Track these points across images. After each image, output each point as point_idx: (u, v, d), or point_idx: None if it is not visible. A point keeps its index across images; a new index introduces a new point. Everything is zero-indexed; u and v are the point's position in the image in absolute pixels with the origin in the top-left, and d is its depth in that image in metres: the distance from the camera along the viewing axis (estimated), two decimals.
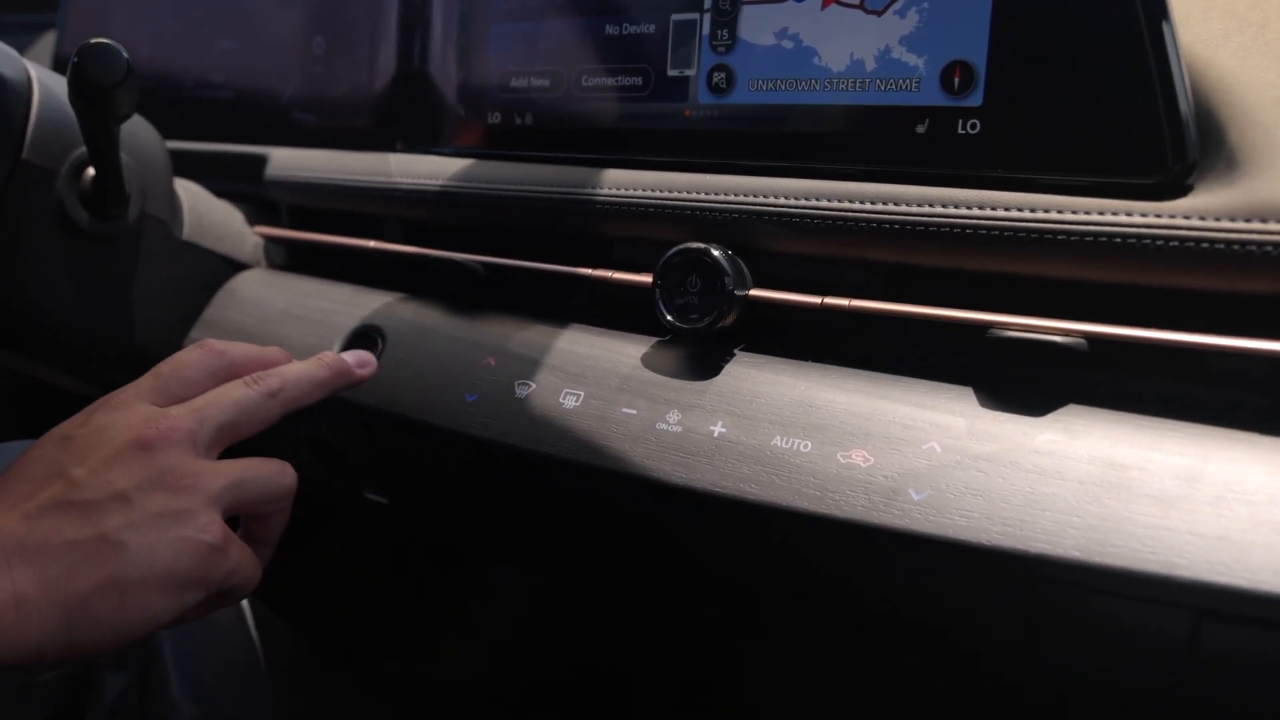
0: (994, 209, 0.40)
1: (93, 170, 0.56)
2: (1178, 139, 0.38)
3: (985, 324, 0.41)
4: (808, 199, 0.44)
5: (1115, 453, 0.36)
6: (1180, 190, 0.38)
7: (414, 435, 0.51)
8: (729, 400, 0.43)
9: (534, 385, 0.48)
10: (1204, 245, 0.37)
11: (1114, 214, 0.38)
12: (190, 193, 0.66)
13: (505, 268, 0.53)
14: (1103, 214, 0.38)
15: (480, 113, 0.57)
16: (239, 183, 0.69)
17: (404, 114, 0.63)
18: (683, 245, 0.46)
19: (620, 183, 0.50)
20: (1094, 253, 0.39)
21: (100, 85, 0.48)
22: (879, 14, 0.44)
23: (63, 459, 0.37)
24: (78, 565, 0.34)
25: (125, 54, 0.48)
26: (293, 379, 0.43)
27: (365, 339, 0.55)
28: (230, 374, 0.43)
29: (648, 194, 0.49)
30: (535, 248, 0.54)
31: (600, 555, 0.52)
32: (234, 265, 0.66)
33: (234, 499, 0.39)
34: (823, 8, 0.45)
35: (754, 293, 0.46)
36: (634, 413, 0.44)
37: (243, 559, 0.39)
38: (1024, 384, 0.40)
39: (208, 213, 0.66)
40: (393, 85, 0.63)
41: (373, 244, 0.60)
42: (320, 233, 0.64)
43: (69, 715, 0.50)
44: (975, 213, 0.41)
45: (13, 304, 0.57)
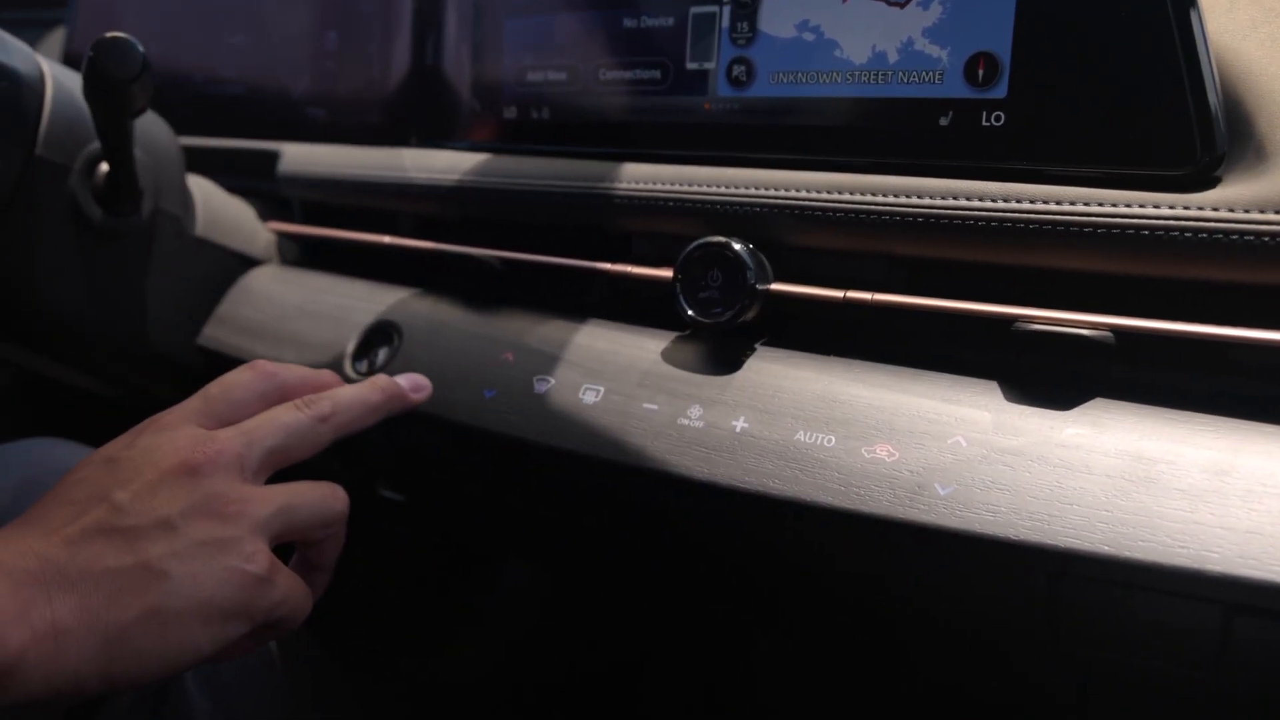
0: (1019, 201, 0.40)
1: (106, 166, 0.56)
2: (1206, 130, 0.37)
3: (1010, 317, 0.40)
4: (830, 192, 0.44)
5: (1143, 446, 0.36)
6: (1208, 182, 0.38)
7: (432, 432, 0.50)
8: (751, 395, 0.43)
9: (553, 381, 0.48)
10: (1233, 237, 0.36)
11: (1141, 206, 0.38)
12: (203, 189, 0.66)
13: (522, 263, 0.53)
14: (1130, 206, 0.38)
15: (496, 107, 0.57)
16: (251, 179, 0.69)
17: (418, 109, 0.63)
18: (704, 239, 0.46)
19: (639, 177, 0.50)
20: (1121, 245, 0.38)
21: (116, 80, 0.48)
22: (901, 6, 0.43)
23: (107, 482, 0.36)
24: (119, 594, 0.33)
25: (141, 48, 0.48)
26: (345, 403, 0.42)
27: (381, 335, 0.55)
28: (281, 396, 0.42)
29: (667, 188, 0.49)
30: (552, 243, 0.54)
31: (619, 550, 0.52)
32: (247, 261, 0.66)
33: (282, 525, 0.38)
34: (844, 0, 0.45)
35: (775, 287, 0.45)
36: (655, 408, 0.44)
37: (291, 589, 0.38)
38: (1049, 378, 0.40)
39: (220, 209, 0.66)
40: (406, 80, 0.63)
41: (388, 239, 0.60)
42: (333, 229, 0.64)
43: (85, 711, 0.50)
44: (1000, 205, 0.40)
45: (25, 300, 0.57)
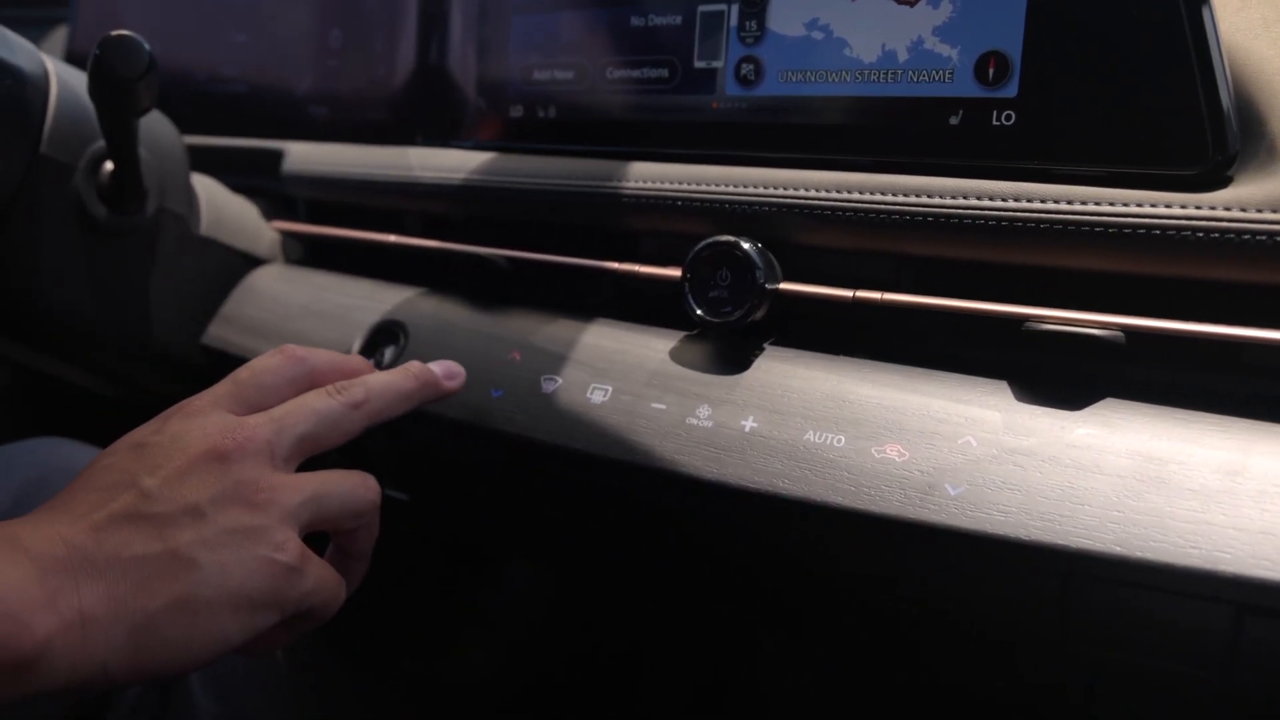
0: (1030, 201, 0.40)
1: (111, 165, 0.56)
2: (1218, 130, 0.37)
3: (1020, 317, 0.40)
4: (839, 191, 0.44)
5: (1154, 447, 0.36)
6: (1220, 181, 0.38)
7: (439, 431, 0.50)
8: (760, 395, 0.43)
9: (560, 380, 0.47)
10: (1245, 237, 0.36)
11: (1153, 205, 0.38)
12: (207, 188, 0.66)
13: (529, 262, 0.53)
14: (1142, 206, 0.38)
15: (502, 106, 0.57)
16: (256, 178, 0.69)
17: (423, 107, 0.63)
18: (713, 238, 0.46)
19: (647, 176, 0.50)
20: (1133, 245, 0.38)
21: (122, 78, 0.48)
22: (911, 4, 0.43)
23: (135, 468, 0.35)
24: (147, 582, 0.32)
25: (147, 47, 0.48)
26: (378, 390, 0.41)
27: (387, 335, 0.55)
28: (311, 382, 0.41)
29: (675, 187, 0.49)
30: (558, 242, 0.54)
31: (626, 550, 0.52)
32: (251, 260, 0.66)
33: (312, 514, 0.37)
34: None
35: (784, 286, 0.45)
36: (663, 407, 0.44)
37: (323, 579, 0.37)
38: (1060, 378, 0.40)
39: (225, 208, 0.66)
40: (412, 78, 0.63)
41: (393, 238, 0.59)
42: (338, 228, 0.64)
43: (91, 711, 0.50)
44: (1011, 205, 0.40)
45: (29, 299, 0.57)
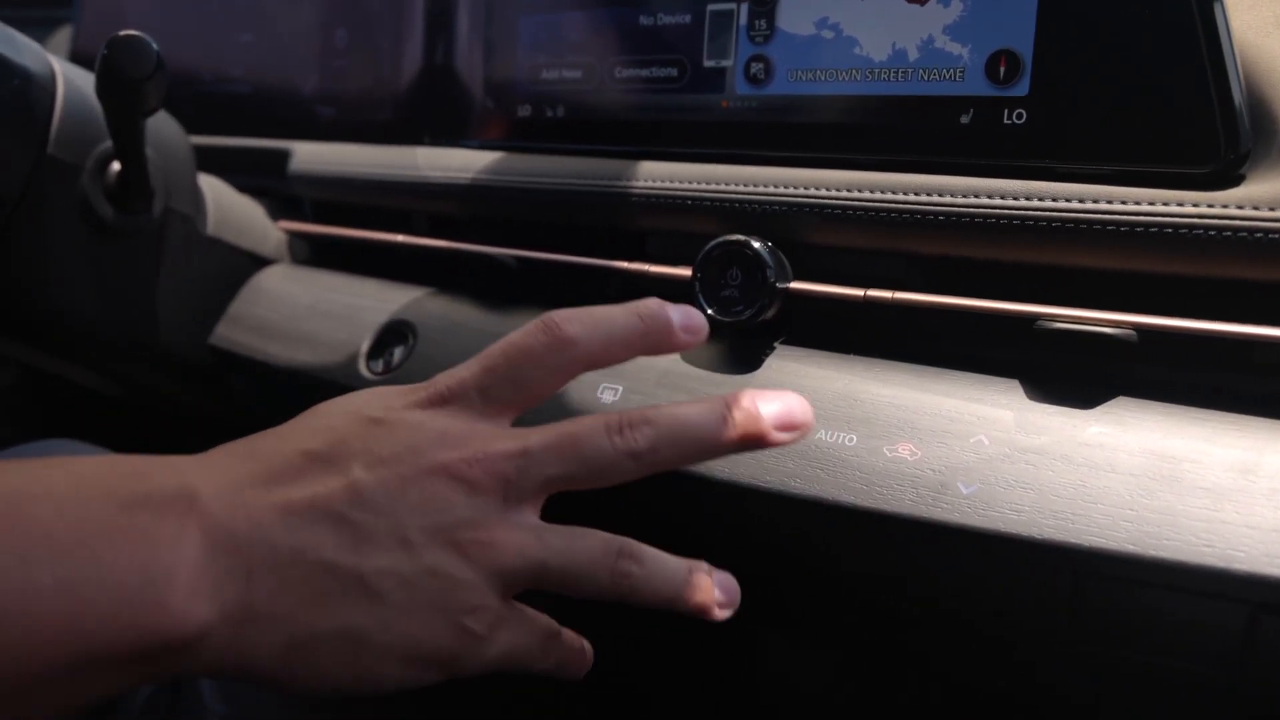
0: (1042, 199, 0.40)
1: (118, 165, 0.56)
2: (1230, 128, 0.37)
3: (1032, 316, 0.40)
4: (850, 190, 0.44)
5: (1167, 445, 0.36)
6: (1232, 180, 0.38)
7: None
8: None
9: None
10: (1257, 235, 0.36)
11: (1165, 204, 0.38)
12: (214, 188, 0.66)
13: (538, 262, 0.53)
14: (1154, 204, 0.38)
15: (510, 105, 0.57)
16: (262, 178, 0.68)
17: (431, 107, 0.62)
18: (723, 238, 0.46)
19: (656, 175, 0.50)
20: (1145, 243, 0.38)
21: (130, 78, 0.48)
22: (922, 3, 0.43)
23: (357, 448, 0.31)
24: (324, 597, 0.28)
25: (155, 47, 0.48)
26: (669, 437, 0.33)
27: (396, 335, 0.55)
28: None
29: (685, 186, 0.48)
30: (566, 241, 0.54)
31: None
32: (258, 261, 0.66)
33: (530, 579, 0.32)
34: None
35: (795, 285, 0.45)
36: None
37: (515, 643, 0.32)
38: (1072, 376, 0.40)
39: (231, 208, 0.66)
40: (419, 78, 0.63)
41: (401, 238, 0.59)
42: (345, 228, 0.64)
43: (99, 715, 0.50)
44: (1023, 203, 0.40)
45: (36, 300, 0.57)
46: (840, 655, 0.61)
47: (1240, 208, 0.37)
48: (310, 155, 0.65)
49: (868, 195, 0.44)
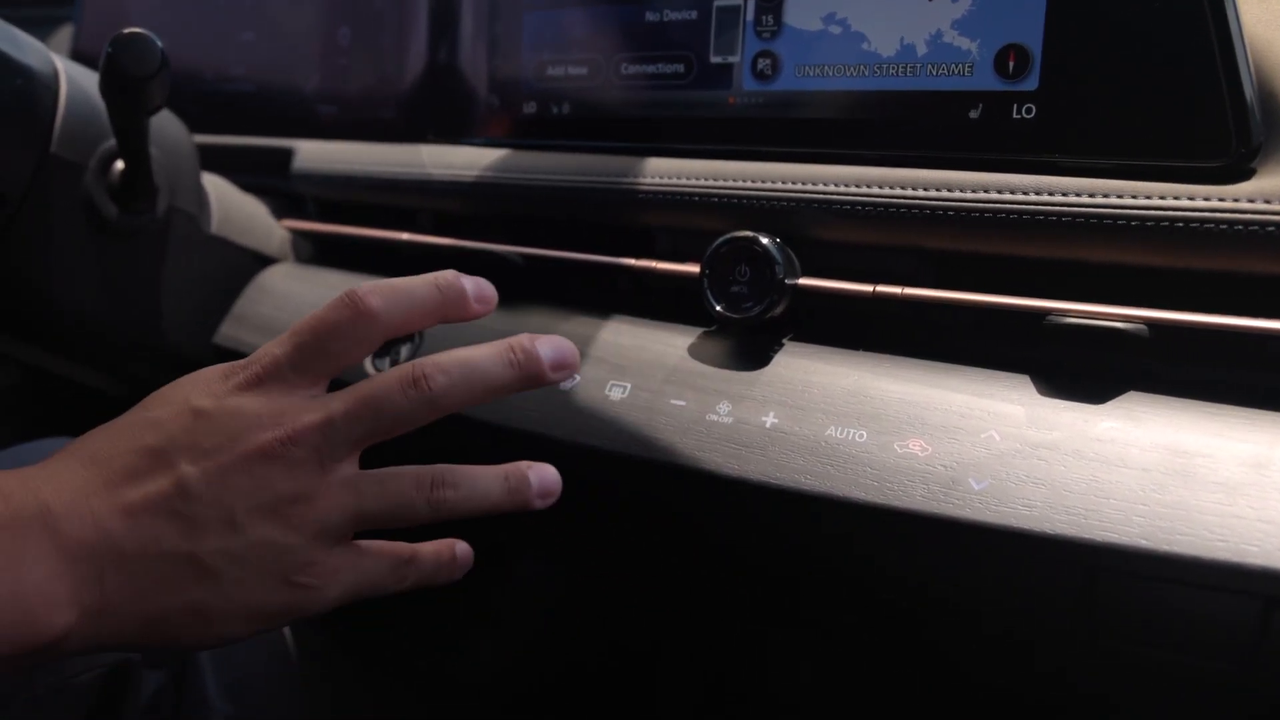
0: (1051, 194, 0.40)
1: (121, 164, 0.56)
2: (1241, 121, 0.37)
3: (1042, 311, 0.40)
4: (858, 186, 0.44)
5: (1180, 439, 0.36)
6: (1244, 173, 0.37)
7: (455, 429, 0.50)
8: (780, 390, 0.43)
9: (578, 377, 0.47)
10: (1269, 229, 0.36)
11: (1176, 198, 0.38)
12: (217, 187, 0.66)
13: (545, 259, 0.53)
14: (1164, 198, 0.38)
15: (515, 102, 0.57)
16: (265, 177, 0.68)
17: (435, 105, 0.62)
18: (731, 234, 0.45)
19: (663, 172, 0.49)
20: (1156, 237, 0.38)
21: (134, 76, 0.47)
22: None
23: (182, 441, 0.34)
24: (166, 581, 0.33)
25: (160, 44, 0.47)
26: (462, 380, 0.36)
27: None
28: (387, 335, 0.37)
29: (692, 183, 0.48)
30: (571, 239, 0.53)
31: (644, 547, 0.52)
32: (262, 260, 0.66)
33: (351, 526, 0.36)
34: None
35: (804, 281, 0.45)
36: (683, 404, 0.44)
37: (360, 580, 0.36)
38: (1082, 372, 0.40)
39: (235, 207, 0.66)
40: (423, 75, 0.63)
41: (406, 236, 0.59)
42: (349, 226, 0.63)
43: (105, 713, 0.50)
44: (1033, 198, 0.40)
45: (39, 298, 0.57)
46: (851, 653, 0.61)
47: (1251, 201, 0.36)
48: (314, 154, 0.65)
49: (876, 191, 0.43)
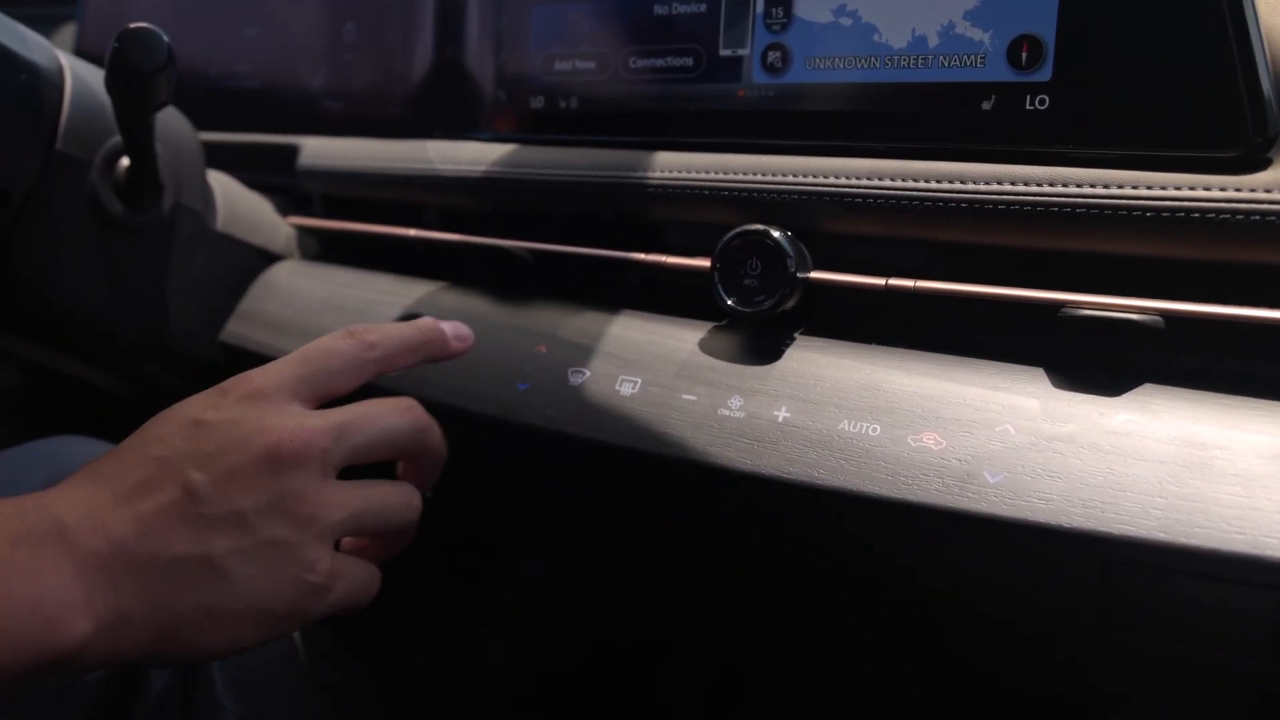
0: (1065, 185, 0.40)
1: (126, 160, 0.56)
2: (1258, 111, 0.37)
3: (1057, 303, 0.40)
4: (870, 179, 0.44)
5: (1196, 432, 0.36)
6: (1260, 163, 0.37)
7: (464, 425, 0.50)
8: (792, 385, 0.43)
9: (588, 373, 0.47)
10: None
11: (1191, 189, 0.38)
12: (222, 183, 0.65)
13: (553, 254, 0.53)
14: (1179, 189, 0.38)
15: (523, 97, 0.57)
16: (270, 174, 0.68)
17: (442, 100, 0.62)
18: (742, 228, 0.45)
19: (673, 165, 0.49)
20: (1171, 228, 0.38)
21: (140, 71, 0.47)
22: None
23: (188, 451, 0.35)
24: (179, 585, 0.33)
25: (166, 39, 0.47)
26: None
27: None
28: (379, 369, 0.42)
29: (702, 176, 0.48)
30: (579, 233, 0.53)
31: (656, 543, 0.51)
32: (267, 257, 0.66)
33: (352, 529, 0.38)
34: None
35: (816, 275, 0.45)
36: (694, 399, 0.44)
37: (351, 589, 0.38)
38: (1097, 364, 0.39)
39: (240, 203, 0.65)
40: (429, 71, 0.62)
41: (414, 232, 0.59)
42: (356, 223, 0.63)
43: (114, 713, 0.50)
44: (1047, 189, 0.40)
45: (45, 296, 0.56)
46: (863, 647, 0.61)
47: (1268, 191, 0.36)
48: (319, 150, 0.65)
49: (888, 183, 0.43)
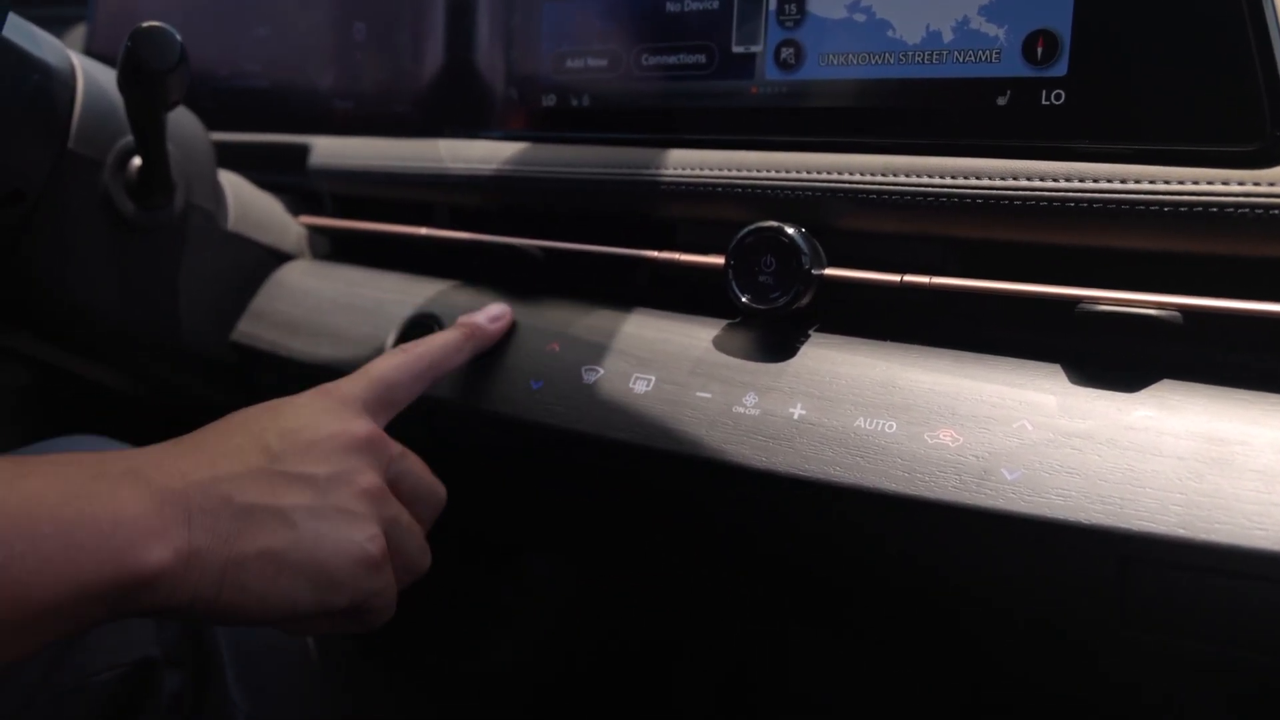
0: (1082, 181, 0.39)
1: (138, 160, 0.56)
2: (1276, 104, 0.37)
3: (1074, 299, 0.40)
4: (885, 175, 0.43)
5: (1215, 428, 0.36)
6: (1278, 158, 0.37)
7: (477, 424, 0.50)
8: (807, 382, 0.42)
9: (602, 371, 0.47)
10: None
11: (1209, 183, 0.37)
12: (233, 183, 0.65)
13: (566, 252, 0.53)
14: (1198, 183, 0.38)
15: (534, 95, 0.56)
16: (281, 173, 0.68)
17: (452, 99, 0.62)
18: (756, 225, 0.45)
19: (686, 163, 0.49)
20: (1189, 223, 0.38)
21: (153, 70, 0.47)
22: None
23: (267, 424, 0.38)
24: (248, 528, 0.35)
25: (179, 39, 0.47)
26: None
27: (421, 328, 0.54)
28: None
29: (716, 174, 0.48)
30: (591, 231, 0.53)
31: (671, 541, 0.51)
32: (278, 256, 0.66)
33: (388, 534, 0.40)
34: None
35: (830, 272, 0.45)
36: (709, 396, 0.44)
37: (390, 587, 0.39)
38: (1115, 360, 0.39)
39: (251, 203, 0.65)
40: (440, 69, 0.62)
41: (425, 231, 0.59)
42: (367, 222, 0.63)
43: (127, 712, 0.50)
44: (1063, 185, 0.40)
45: (57, 295, 0.56)
46: (880, 645, 0.61)
47: None
48: (330, 149, 0.65)
49: (903, 180, 0.43)
